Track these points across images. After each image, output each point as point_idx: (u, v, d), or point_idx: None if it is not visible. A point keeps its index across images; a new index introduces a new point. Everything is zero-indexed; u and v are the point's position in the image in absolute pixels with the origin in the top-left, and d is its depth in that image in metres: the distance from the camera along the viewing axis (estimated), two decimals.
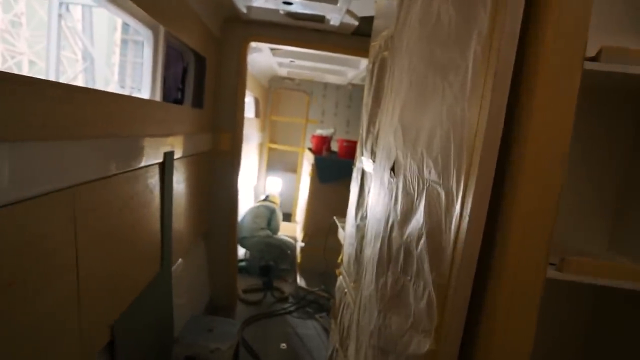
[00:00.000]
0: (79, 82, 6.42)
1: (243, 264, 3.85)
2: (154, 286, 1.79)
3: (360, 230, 1.75)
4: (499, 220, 0.67)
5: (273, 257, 3.48)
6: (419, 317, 0.80)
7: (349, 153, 3.85)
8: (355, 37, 2.82)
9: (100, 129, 1.25)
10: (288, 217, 5.58)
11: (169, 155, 1.88)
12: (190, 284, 2.67)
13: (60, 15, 5.30)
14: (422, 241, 0.83)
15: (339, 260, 2.24)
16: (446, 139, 0.78)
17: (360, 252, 1.72)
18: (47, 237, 0.96)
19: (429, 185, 0.86)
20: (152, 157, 1.71)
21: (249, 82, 4.38)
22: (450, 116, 0.78)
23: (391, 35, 1.57)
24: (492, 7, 0.66)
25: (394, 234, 1.07)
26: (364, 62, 3.89)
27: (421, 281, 0.81)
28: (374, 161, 1.61)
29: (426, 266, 0.79)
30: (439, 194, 0.79)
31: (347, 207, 1.99)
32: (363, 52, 2.89)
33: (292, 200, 5.64)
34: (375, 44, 1.90)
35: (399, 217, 1.05)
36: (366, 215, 1.70)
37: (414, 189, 0.95)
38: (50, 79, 1.01)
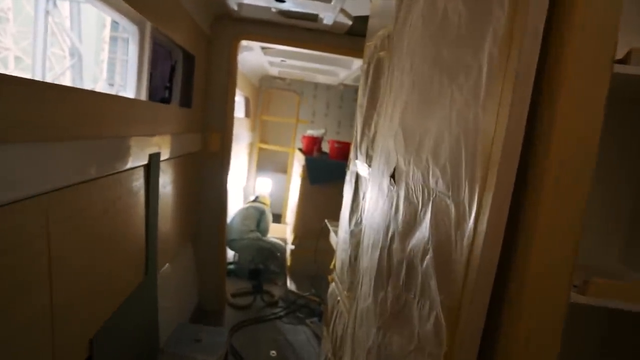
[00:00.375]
0: (67, 79, 6.23)
1: (232, 266, 3.75)
2: (137, 295, 1.70)
3: (355, 236, 1.68)
4: (516, 238, 0.61)
5: (263, 260, 3.39)
6: (424, 340, 0.73)
7: (341, 154, 3.78)
8: (349, 37, 2.76)
9: (78, 129, 1.16)
10: (278, 218, 5.49)
11: (154, 157, 1.79)
12: (178, 289, 2.58)
13: (47, 12, 5.17)
14: (428, 257, 0.77)
15: (331, 266, 2.17)
16: (456, 147, 0.72)
17: (355, 260, 1.66)
18: (13, 249, 0.87)
19: (435, 196, 0.79)
20: (136, 159, 1.61)
21: (240, 81, 4.28)
22: (460, 122, 0.72)
23: (388, 34, 1.51)
24: (510, 5, 0.60)
25: (395, 245, 1.00)
26: (356, 63, 3.83)
27: (427, 301, 0.75)
28: (369, 165, 1.54)
29: (433, 285, 0.73)
30: (447, 206, 0.72)
31: (338, 209, 1.92)
32: (356, 52, 2.83)
33: (282, 201, 5.55)
34: (370, 44, 1.84)
35: (400, 228, 0.98)
36: (361, 220, 1.63)
37: (417, 199, 0.89)
38: (17, 75, 0.91)
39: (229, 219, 4.13)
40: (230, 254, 4.29)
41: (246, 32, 2.65)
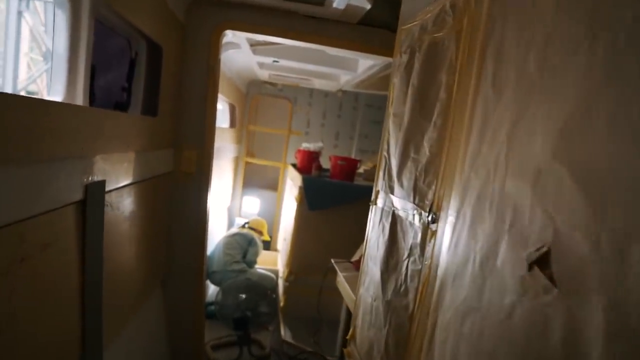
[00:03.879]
0: (43, 82, 5.63)
1: (212, 307, 3.10)
2: None
3: (397, 312, 1.09)
4: None
5: (252, 304, 2.75)
6: None
7: (345, 174, 3.20)
8: (362, 29, 2.20)
9: None
10: (267, 243, 4.86)
11: (95, 188, 1.18)
12: (141, 353, 1.93)
13: (20, 12, 4.73)
14: None
15: (348, 336, 1.57)
16: None
17: (398, 348, 1.07)
18: None
19: None
20: (59, 194, 1.03)
21: (223, 85, 3.67)
22: None
23: (453, 3, 0.95)
24: None
25: None
26: (363, 64, 3.29)
27: None
28: (428, 212, 0.96)
29: None
30: None
31: (343, 241, 1.36)
32: (373, 47, 2.27)
33: (271, 223, 4.92)
34: (409, 27, 1.28)
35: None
36: (404, 288, 1.05)
37: None
38: None
39: (210, 249, 3.49)
40: (212, 289, 3.64)
41: (231, 20, 2.06)
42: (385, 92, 4.69)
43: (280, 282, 3.49)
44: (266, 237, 4.24)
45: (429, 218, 0.96)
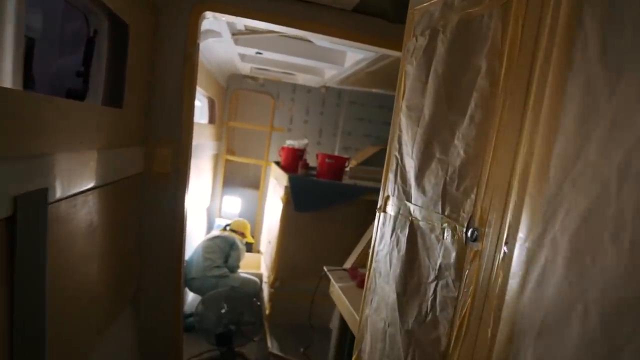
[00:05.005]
0: None
1: (191, 319, 2.84)
2: None
3: (422, 347, 0.91)
4: None
5: (235, 316, 2.52)
6: None
7: (333, 173, 3.01)
8: (358, 16, 2.01)
9: None
10: (250, 245, 4.62)
11: (30, 200, 0.93)
12: None
13: None
14: None
15: (353, 357, 1.38)
16: None
17: None
18: None
19: None
20: None
21: (202, 78, 3.40)
22: None
23: None
24: None
25: None
26: (351, 57, 3.10)
27: None
28: (457, 223, 0.79)
29: None
30: None
31: (333, 245, 1.17)
32: (368, 36, 2.08)
33: (253, 223, 4.68)
34: (427, 5, 1.09)
35: None
36: (432, 318, 0.87)
37: None
38: None
39: (188, 254, 3.22)
40: (191, 297, 3.38)
41: (213, 0, 1.82)
42: (370, 89, 4.54)
43: (265, 288, 3.28)
44: (250, 240, 4.01)
45: (468, 234, 0.78)
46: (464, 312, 0.76)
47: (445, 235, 0.86)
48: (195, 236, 3.60)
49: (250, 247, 4.58)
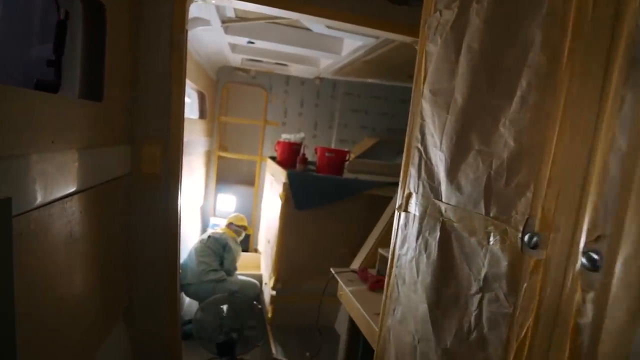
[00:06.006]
0: None
1: (189, 326, 2.70)
2: None
3: None
4: None
5: (237, 324, 2.38)
6: None
7: (334, 167, 2.87)
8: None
9: None
10: (245, 242, 4.47)
11: None
12: None
13: None
14: None
15: None
16: None
17: None
18: None
19: None
20: None
21: (192, 71, 3.22)
22: None
23: None
24: None
25: None
26: (349, 45, 2.94)
27: None
28: (509, 225, 0.66)
29: None
30: None
31: (337, 244, 1.02)
32: (369, 19, 1.93)
33: (250, 220, 4.52)
34: None
35: None
36: (478, 336, 0.75)
37: None
38: None
39: (183, 257, 3.07)
40: (187, 302, 3.23)
41: None
42: (365, 79, 4.37)
43: (266, 290, 3.14)
44: (250, 231, 3.85)
45: (525, 240, 0.65)
46: (523, 333, 0.64)
47: (491, 240, 0.73)
48: (190, 237, 3.44)
49: (247, 245, 4.44)
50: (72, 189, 1.13)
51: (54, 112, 1.05)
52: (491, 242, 0.73)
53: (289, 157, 3.27)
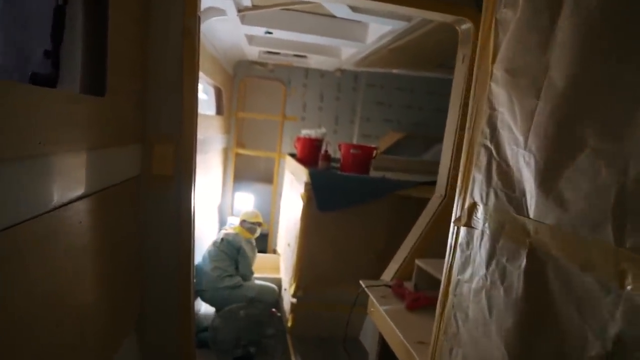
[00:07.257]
0: None
1: (205, 334, 2.55)
2: None
3: None
4: None
5: (255, 335, 2.20)
6: None
7: (359, 165, 2.65)
8: None
9: None
10: (264, 241, 4.31)
11: None
12: None
13: None
14: None
15: None
16: None
17: None
18: None
19: None
20: None
21: (208, 65, 3.04)
22: None
23: None
24: None
25: None
26: (375, 30, 2.69)
27: None
28: (635, 254, 0.42)
29: None
30: None
31: (359, 246, 0.81)
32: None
33: (268, 220, 4.35)
34: None
35: None
36: None
37: None
38: None
39: (197, 259, 2.92)
40: (203, 307, 3.08)
41: None
42: (390, 69, 4.07)
43: (285, 296, 2.96)
44: (265, 226, 3.64)
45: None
46: None
47: (628, 282, 0.50)
48: (207, 239, 3.29)
49: (264, 246, 4.27)
50: (71, 197, 0.96)
51: (51, 112, 0.87)
52: (627, 287, 0.50)
53: (310, 154, 3.06)
